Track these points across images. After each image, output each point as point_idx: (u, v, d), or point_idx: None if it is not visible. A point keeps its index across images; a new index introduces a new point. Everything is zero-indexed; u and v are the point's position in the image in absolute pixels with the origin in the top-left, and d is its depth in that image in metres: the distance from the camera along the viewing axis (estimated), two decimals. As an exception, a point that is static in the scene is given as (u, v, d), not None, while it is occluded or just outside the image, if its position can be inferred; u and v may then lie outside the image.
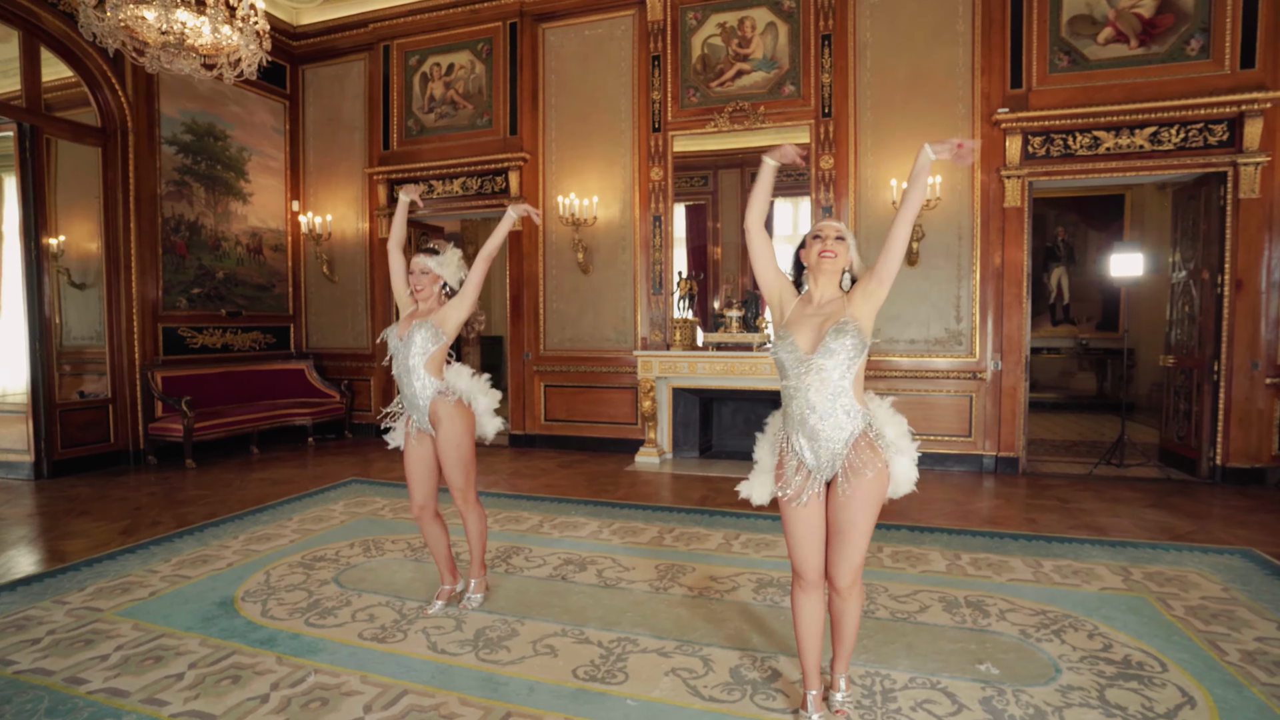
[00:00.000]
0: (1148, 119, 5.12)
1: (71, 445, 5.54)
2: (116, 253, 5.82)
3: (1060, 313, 9.31)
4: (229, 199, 6.75)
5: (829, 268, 2.12)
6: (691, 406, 6.39)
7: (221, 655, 2.62)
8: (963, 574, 3.42)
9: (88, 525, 4.30)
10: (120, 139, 5.76)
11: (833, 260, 2.11)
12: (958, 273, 5.62)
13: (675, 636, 2.76)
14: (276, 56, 7.25)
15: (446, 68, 6.88)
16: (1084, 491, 5.06)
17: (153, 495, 5.00)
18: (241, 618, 2.95)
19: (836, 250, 2.12)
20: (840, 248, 2.13)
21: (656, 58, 6.25)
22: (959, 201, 5.59)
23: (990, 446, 5.64)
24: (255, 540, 3.99)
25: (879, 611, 2.98)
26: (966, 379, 5.65)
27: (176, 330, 6.26)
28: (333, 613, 3.01)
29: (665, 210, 6.34)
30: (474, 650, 2.66)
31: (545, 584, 3.35)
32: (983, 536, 4.01)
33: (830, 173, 5.83)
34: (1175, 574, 3.41)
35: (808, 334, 2.09)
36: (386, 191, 7.15)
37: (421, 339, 2.89)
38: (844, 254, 2.14)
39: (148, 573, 3.47)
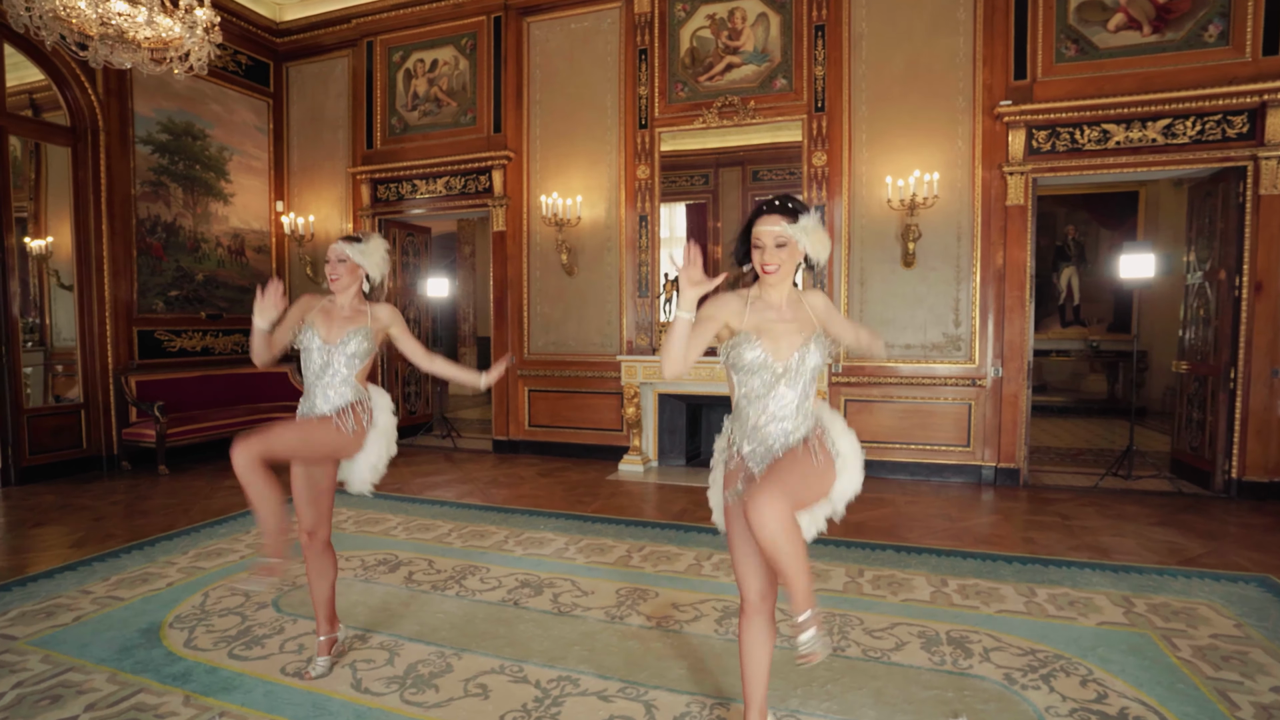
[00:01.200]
0: (1161, 111, 4.79)
1: (41, 451, 5.42)
2: (88, 254, 5.69)
3: (1070, 314, 8.95)
4: (209, 199, 6.60)
5: (773, 281, 1.92)
6: (678, 413, 6.15)
7: (126, 694, 2.43)
8: (948, 603, 3.15)
9: (38, 538, 4.16)
10: (91, 138, 5.63)
11: (776, 273, 1.89)
12: (957, 274, 5.33)
13: (621, 676, 2.53)
14: (259, 54, 7.11)
15: (430, 64, 6.69)
16: (1088, 506, 4.75)
17: (115, 505, 4.85)
18: (162, 648, 2.76)
19: (780, 261, 1.88)
20: (783, 256, 1.88)
21: (644, 51, 6.00)
22: (958, 200, 5.29)
23: (990, 457, 5.34)
24: (205, 556, 3.81)
25: (850, 649, 2.72)
26: (965, 386, 5.36)
27: (153, 334, 6.13)
28: (260, 642, 2.82)
29: (652, 210, 6.10)
30: (400, 690, 2.45)
31: (495, 609, 3.13)
32: (974, 559, 3.73)
33: (823, 170, 5.55)
34: (1183, 606, 3.12)
35: (779, 341, 1.90)
36: (370, 192, 6.97)
37: (357, 346, 2.58)
38: (789, 261, 1.90)
39: (81, 594, 3.30)
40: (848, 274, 5.59)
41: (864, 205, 5.51)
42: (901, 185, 5.19)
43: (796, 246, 1.88)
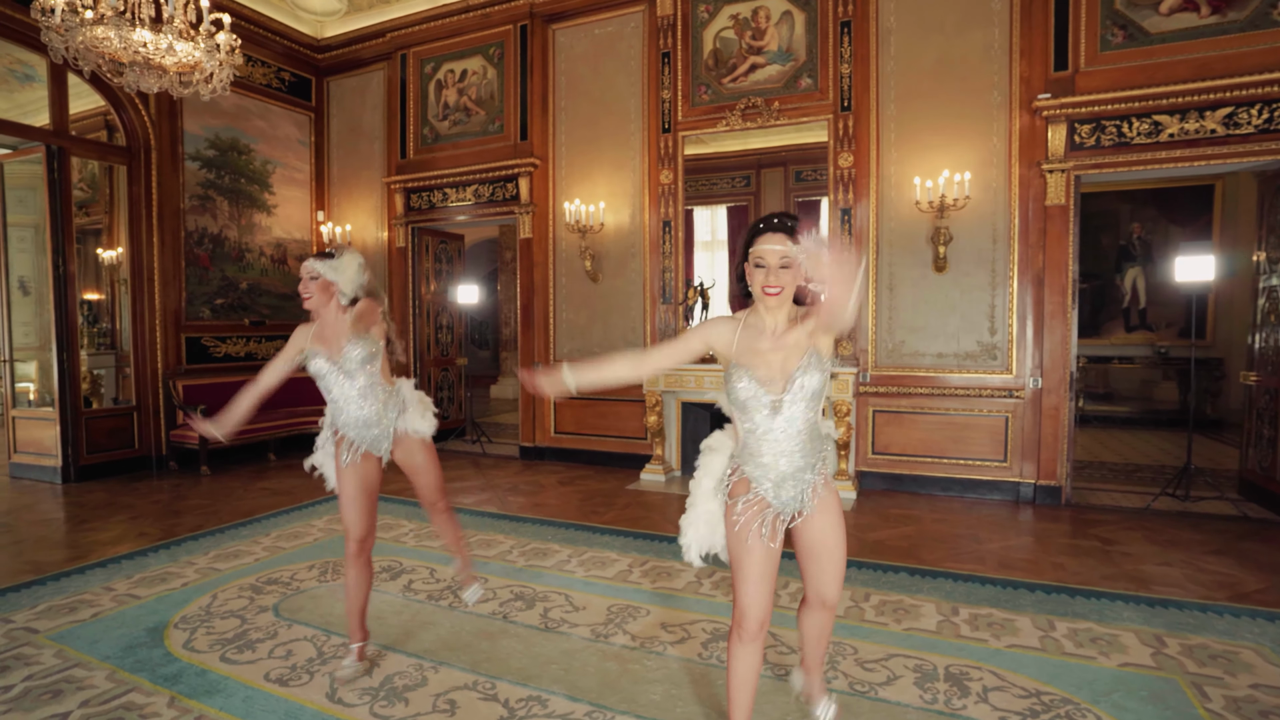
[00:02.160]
0: (1222, 98, 4.39)
1: (97, 450, 5.79)
2: (140, 265, 6.04)
3: (1136, 318, 8.34)
4: (253, 211, 6.91)
5: (774, 304, 1.84)
6: (702, 422, 6.04)
7: (119, 693, 2.53)
8: (955, 635, 2.96)
9: (82, 534, 4.42)
10: (144, 157, 5.97)
11: (778, 295, 1.81)
12: (992, 279, 5.04)
13: (592, 699, 2.47)
14: (302, 70, 7.39)
15: (460, 74, 6.81)
16: (1134, 530, 4.41)
17: (156, 504, 5.12)
18: (162, 648, 2.87)
19: (782, 284, 1.80)
20: (786, 277, 1.80)
21: (666, 55, 5.93)
22: (994, 200, 5.00)
23: (1029, 473, 5.02)
24: (223, 557, 3.97)
25: (836, 681, 2.59)
26: (1002, 397, 5.06)
27: (200, 340, 6.46)
28: (253, 646, 2.90)
29: (675, 215, 6.01)
30: (372, 702, 2.47)
31: (483, 622, 3.13)
32: (992, 585, 3.50)
33: (849, 171, 5.35)
34: (1224, 649, 2.83)
35: (770, 371, 1.85)
36: (404, 201, 7.15)
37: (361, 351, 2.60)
38: (792, 284, 1.82)
39: (104, 590, 3.48)
40: (875, 280, 5.37)
41: (892, 207, 5.28)
42: (930, 186, 4.94)
43: (800, 269, 1.77)
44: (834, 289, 1.59)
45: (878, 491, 5.39)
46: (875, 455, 5.46)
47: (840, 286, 1.58)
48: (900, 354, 5.34)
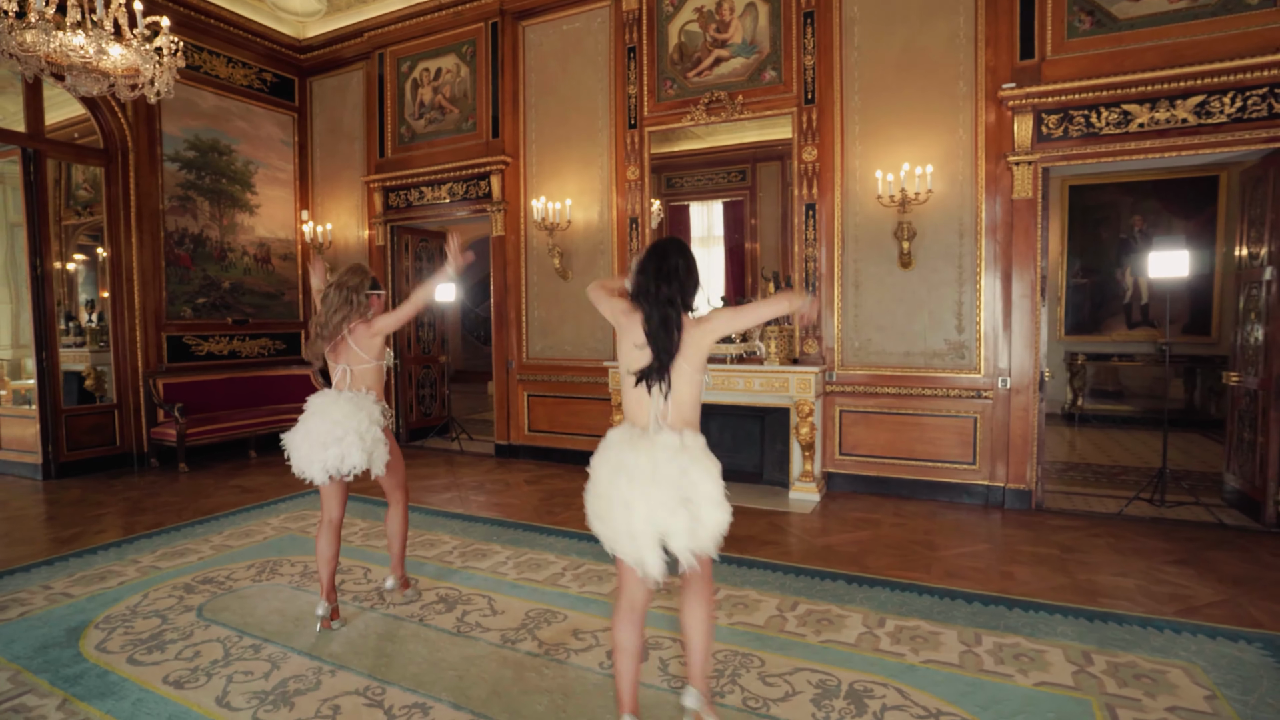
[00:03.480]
0: (1193, 86, 4.18)
1: (78, 448, 5.93)
2: (119, 265, 6.16)
3: (1138, 314, 8.03)
4: (235, 211, 7.01)
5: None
6: (672, 421, 5.96)
7: (15, 694, 2.57)
8: (873, 648, 2.86)
9: (41, 531, 4.53)
10: (121, 159, 6.09)
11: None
12: (960, 276, 4.87)
13: (475, 708, 2.44)
14: (285, 71, 7.46)
15: (435, 72, 6.80)
16: (1100, 537, 4.23)
17: (126, 501, 5.23)
18: (74, 649, 2.91)
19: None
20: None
21: (632, 49, 5.85)
22: (960, 194, 4.83)
23: (999, 476, 4.86)
24: (169, 555, 4.02)
25: (731, 695, 2.52)
26: (970, 398, 4.90)
27: (181, 339, 6.58)
28: (164, 647, 2.92)
29: (642, 212, 5.94)
30: (259, 707, 2.47)
31: (397, 625, 3.12)
32: (929, 596, 3.39)
33: (814, 165, 5.22)
34: (1153, 668, 2.69)
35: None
36: (382, 199, 7.18)
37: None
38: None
39: (41, 589, 3.55)
40: (841, 276, 5.23)
41: (857, 202, 5.14)
42: (891, 180, 4.79)
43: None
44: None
45: (844, 494, 5.27)
46: (843, 456, 5.34)
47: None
48: (867, 353, 5.21)
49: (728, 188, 6.28)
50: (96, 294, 7.17)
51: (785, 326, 5.32)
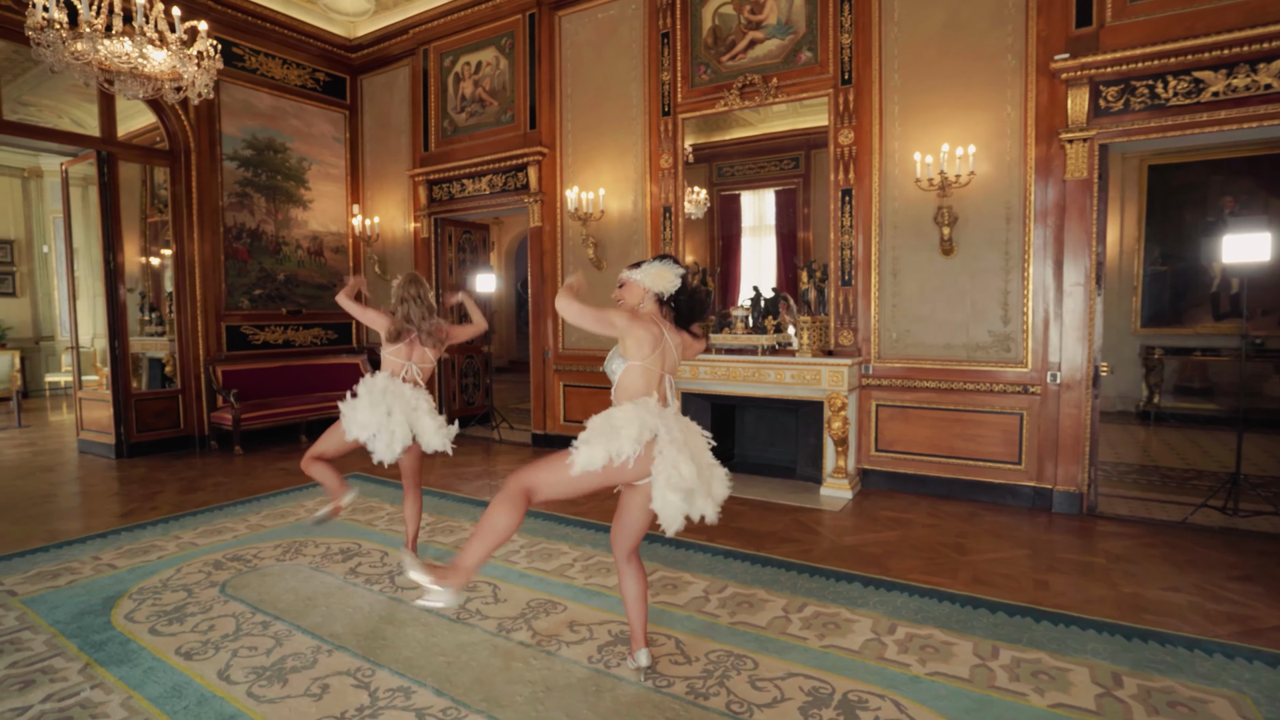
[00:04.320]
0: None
1: (146, 430, 6.35)
2: (183, 260, 6.55)
3: (1226, 304, 7.33)
4: (289, 206, 7.32)
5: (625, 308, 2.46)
6: (703, 412, 5.85)
7: (47, 656, 2.76)
8: (877, 656, 2.71)
9: (105, 505, 4.87)
10: (185, 159, 6.45)
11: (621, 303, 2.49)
12: (1005, 263, 4.56)
13: (456, 696, 2.45)
14: (337, 70, 7.72)
15: (475, 66, 6.89)
16: (1156, 547, 3.89)
17: (182, 480, 5.56)
18: (105, 618, 3.10)
19: (621, 296, 2.51)
20: (624, 293, 2.50)
21: (666, 35, 5.74)
22: (1006, 175, 4.51)
23: (1046, 477, 4.54)
24: (208, 533, 4.24)
25: (715, 698, 2.43)
26: (1017, 393, 4.59)
27: (239, 328, 6.94)
28: (183, 619, 3.08)
29: (676, 201, 5.84)
30: (255, 680, 2.56)
31: (400, 609, 3.18)
32: (950, 603, 3.19)
33: (850, 149, 4.99)
34: (1193, 695, 2.43)
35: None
36: (426, 192, 7.34)
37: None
38: (629, 295, 2.48)
39: (91, 559, 3.81)
40: (878, 264, 4.99)
41: (896, 187, 4.88)
42: (930, 162, 4.52)
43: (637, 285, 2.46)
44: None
45: (880, 491, 5.05)
46: (879, 453, 5.11)
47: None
48: (905, 345, 4.95)
49: (779, 176, 6.09)
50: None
51: (819, 317, 5.13)
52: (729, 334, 5.48)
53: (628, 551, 2.52)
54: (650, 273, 2.43)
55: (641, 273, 2.44)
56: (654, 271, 2.43)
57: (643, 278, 2.44)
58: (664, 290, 2.43)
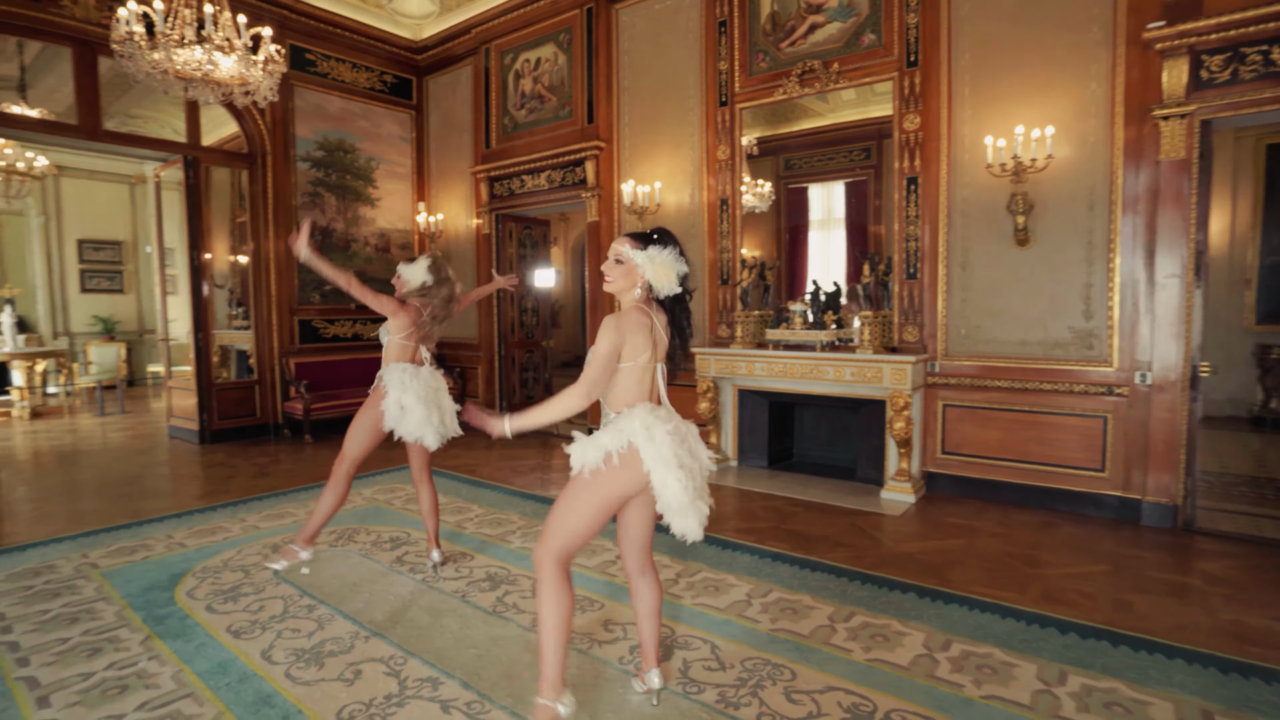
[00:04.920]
0: None
1: (226, 417, 6.73)
2: (259, 257, 6.89)
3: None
4: (358, 205, 7.59)
5: (607, 289, 2.15)
6: (760, 410, 5.69)
7: (115, 626, 2.92)
8: (927, 674, 2.52)
9: (184, 487, 5.17)
10: (261, 161, 6.78)
11: (609, 285, 2.14)
12: (1088, 254, 4.19)
13: (482, 689, 2.43)
14: (404, 72, 7.95)
15: (535, 62, 6.93)
16: (1265, 570, 3.48)
17: (254, 466, 5.84)
18: (170, 593, 3.26)
19: (611, 275, 2.12)
20: (615, 271, 2.11)
21: (723, 23, 5.59)
22: (1091, 158, 4.14)
23: (1133, 487, 4.15)
24: (271, 517, 4.42)
25: (744, 708, 2.31)
26: (1100, 394, 4.22)
27: (310, 322, 7.24)
28: (237, 599, 3.20)
29: (733, 193, 5.69)
30: (295, 662, 2.62)
31: (440, 599, 3.20)
32: (1015, 620, 2.94)
33: (916, 135, 4.71)
34: (1294, 734, 2.15)
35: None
36: (488, 189, 7.45)
37: (382, 334, 3.50)
38: (621, 278, 2.11)
39: (165, 537, 4.04)
40: (946, 256, 4.70)
41: (966, 174, 4.57)
42: (1003, 146, 4.20)
43: (636, 269, 2.08)
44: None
45: (945, 497, 4.76)
46: (945, 455, 4.82)
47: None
48: (975, 341, 4.64)
49: (849, 167, 5.85)
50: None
51: (882, 312, 4.88)
52: (786, 329, 5.29)
53: (641, 564, 2.29)
54: (656, 262, 2.06)
55: (647, 258, 2.07)
56: (661, 262, 2.06)
57: (647, 265, 2.07)
58: (661, 289, 2.09)
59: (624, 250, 2.09)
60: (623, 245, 2.09)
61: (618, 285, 2.11)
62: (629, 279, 2.09)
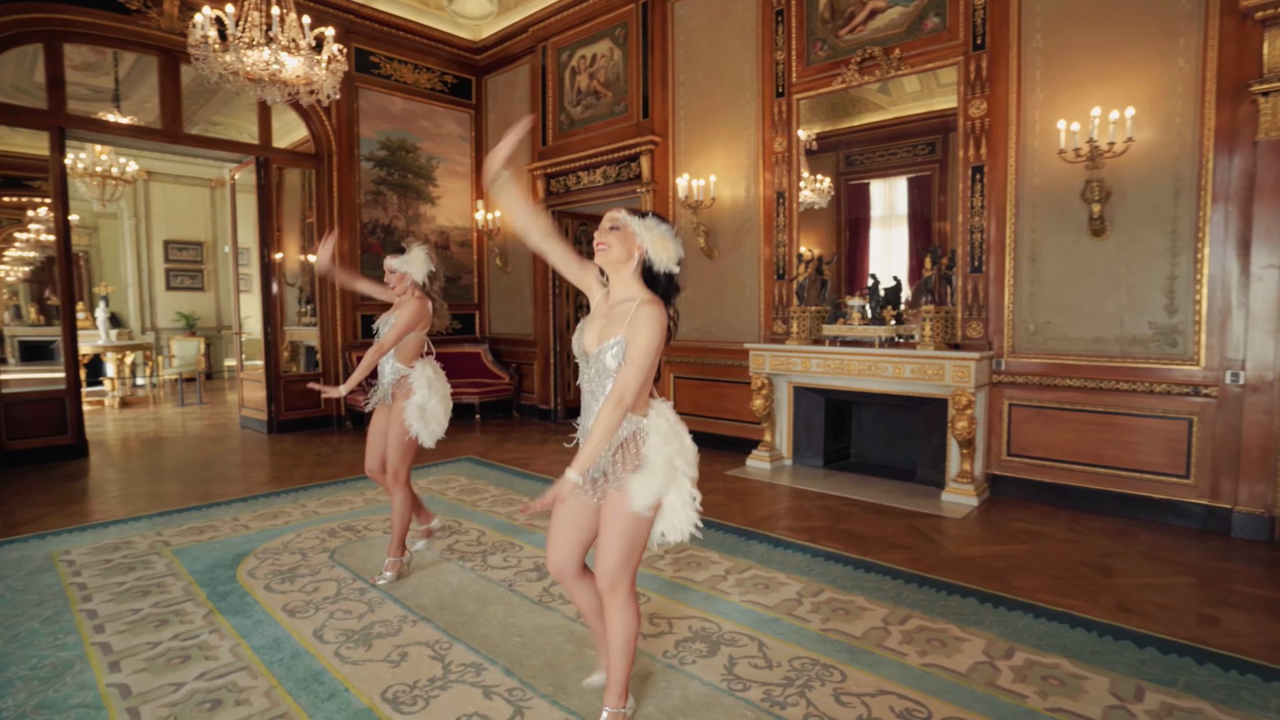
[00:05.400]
0: None
1: (292, 409, 7.00)
2: (326, 254, 7.14)
3: None
4: (419, 203, 7.80)
5: (601, 260, 1.98)
6: (816, 408, 5.55)
7: (182, 600, 3.06)
8: (987, 682, 2.38)
9: (251, 473, 5.40)
10: (327, 160, 7.03)
11: (604, 253, 1.96)
12: (1172, 244, 3.91)
13: (525, 677, 2.43)
14: (463, 72, 8.12)
15: (591, 59, 6.96)
16: (1372, 588, 3.16)
17: (317, 455, 6.06)
18: (232, 571, 3.40)
19: (607, 241, 1.95)
20: (613, 238, 1.95)
21: (780, 12, 5.47)
22: (1176, 141, 3.86)
23: (1222, 495, 3.85)
24: (329, 504, 4.57)
25: (791, 708, 2.23)
26: (1185, 395, 3.92)
27: (372, 318, 7.45)
28: (294, 579, 3.30)
29: (790, 186, 5.56)
30: (344, 642, 2.68)
31: (487, 588, 3.22)
32: (1085, 630, 2.76)
33: (982, 122, 4.50)
34: None
35: (591, 333, 2.01)
36: (544, 186, 7.53)
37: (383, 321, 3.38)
38: (618, 245, 1.94)
39: (231, 519, 4.22)
40: (1013, 248, 4.46)
41: (1036, 161, 4.33)
42: (1076, 130, 3.96)
43: (633, 237, 1.94)
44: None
45: (1010, 500, 4.52)
46: (1011, 457, 4.58)
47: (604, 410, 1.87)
48: (1044, 338, 4.40)
49: (912, 162, 5.65)
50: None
51: (944, 307, 4.68)
52: (844, 325, 5.14)
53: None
54: (654, 232, 1.94)
55: (644, 225, 1.94)
56: (658, 233, 1.94)
57: (644, 233, 1.93)
58: (659, 261, 1.94)
59: (620, 215, 1.96)
60: (618, 212, 1.98)
61: (614, 254, 1.93)
62: (625, 246, 1.93)
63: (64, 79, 5.63)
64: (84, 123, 5.80)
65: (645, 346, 1.84)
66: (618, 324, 1.91)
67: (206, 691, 2.33)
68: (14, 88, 5.59)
